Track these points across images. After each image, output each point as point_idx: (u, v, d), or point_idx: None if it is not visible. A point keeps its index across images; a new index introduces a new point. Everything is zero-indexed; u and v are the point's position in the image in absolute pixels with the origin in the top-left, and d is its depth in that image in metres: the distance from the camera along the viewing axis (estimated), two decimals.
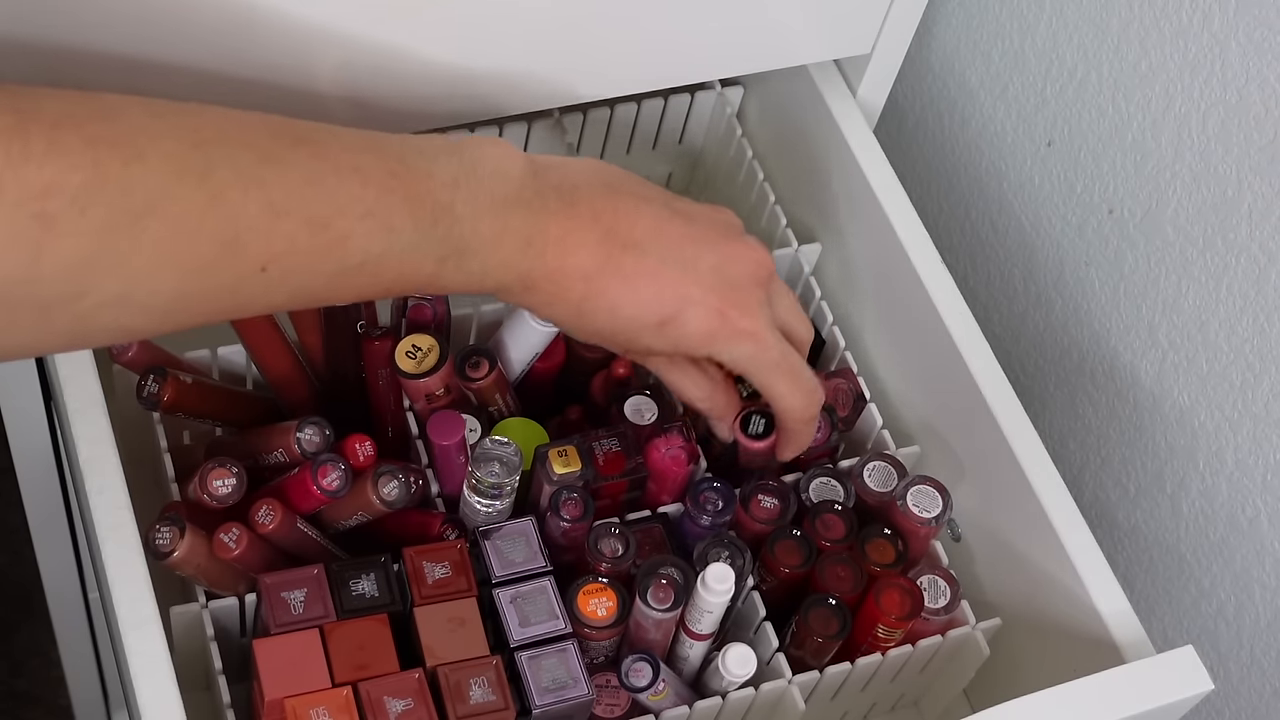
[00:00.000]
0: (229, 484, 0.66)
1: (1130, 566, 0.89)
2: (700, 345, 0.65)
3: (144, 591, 0.63)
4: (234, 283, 0.54)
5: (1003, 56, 0.90)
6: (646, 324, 0.63)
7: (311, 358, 0.73)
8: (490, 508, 0.68)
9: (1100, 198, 0.85)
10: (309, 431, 0.68)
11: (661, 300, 0.63)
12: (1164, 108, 0.79)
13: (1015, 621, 0.75)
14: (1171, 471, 0.84)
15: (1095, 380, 0.88)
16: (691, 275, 0.63)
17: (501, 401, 0.73)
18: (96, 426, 0.66)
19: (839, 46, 0.81)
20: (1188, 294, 0.80)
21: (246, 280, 0.54)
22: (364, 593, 0.67)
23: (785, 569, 0.71)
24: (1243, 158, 0.74)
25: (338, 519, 0.69)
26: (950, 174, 0.97)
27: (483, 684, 0.66)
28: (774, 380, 0.67)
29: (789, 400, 0.68)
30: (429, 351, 0.70)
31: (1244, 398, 0.78)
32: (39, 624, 1.35)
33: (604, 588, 0.68)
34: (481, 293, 0.61)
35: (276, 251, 0.54)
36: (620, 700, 0.70)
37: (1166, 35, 0.77)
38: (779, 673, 0.71)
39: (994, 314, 0.96)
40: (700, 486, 0.72)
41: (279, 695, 0.64)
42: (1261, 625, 0.82)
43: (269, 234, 0.53)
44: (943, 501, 0.73)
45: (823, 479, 0.75)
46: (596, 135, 0.87)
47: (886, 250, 0.79)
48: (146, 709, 0.60)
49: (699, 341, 0.64)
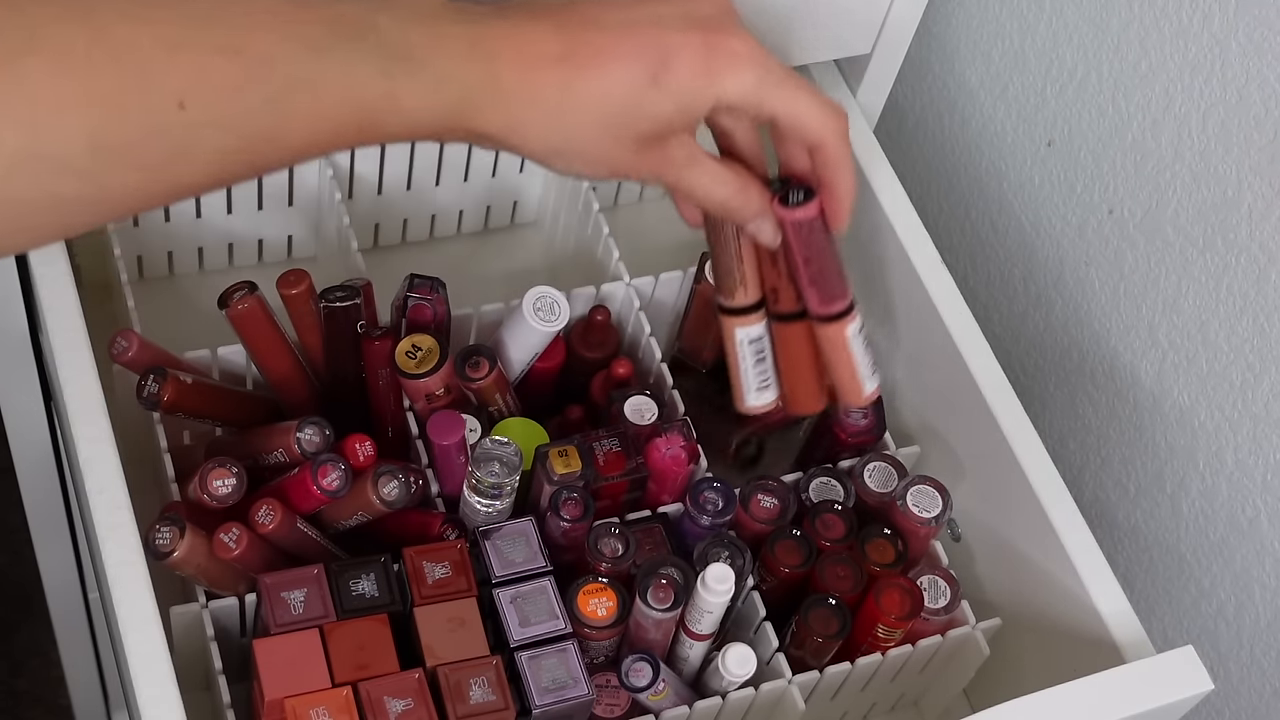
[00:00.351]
0: (229, 484, 0.66)
1: (1130, 566, 0.89)
2: (703, 85, 0.59)
3: (144, 591, 0.63)
4: (155, 125, 0.50)
5: (1003, 56, 0.90)
6: (639, 84, 0.58)
7: (311, 358, 0.73)
8: (490, 508, 0.68)
9: (1100, 198, 0.85)
10: (309, 431, 0.68)
11: (643, 52, 0.58)
12: (1164, 108, 0.79)
13: (1015, 621, 0.75)
14: (1171, 471, 0.84)
15: (1095, 380, 0.88)
16: (661, 25, 0.58)
17: (501, 401, 0.73)
18: (96, 426, 0.66)
19: (839, 46, 0.81)
20: (1188, 294, 0.80)
21: (167, 119, 0.50)
22: (364, 593, 0.67)
23: (785, 569, 0.71)
24: (1243, 158, 0.74)
25: (338, 519, 0.69)
26: (950, 174, 0.97)
27: (483, 684, 0.66)
28: (793, 96, 0.61)
29: (817, 113, 0.62)
30: (429, 351, 0.70)
31: (1244, 398, 0.78)
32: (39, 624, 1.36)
33: (604, 588, 0.68)
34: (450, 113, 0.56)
35: (188, 83, 0.50)
36: (620, 700, 0.70)
37: (1166, 35, 0.77)
38: (779, 673, 0.71)
39: (994, 314, 0.96)
40: (700, 486, 0.72)
41: (279, 695, 0.64)
42: (1261, 625, 0.82)
43: (170, 65, 0.50)
44: (943, 501, 0.73)
45: (823, 479, 0.75)
46: None
47: (887, 250, 0.79)
48: (146, 709, 0.60)
49: (698, 80, 0.59)
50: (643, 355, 0.79)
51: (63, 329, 0.68)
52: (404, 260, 0.88)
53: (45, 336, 0.69)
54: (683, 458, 0.72)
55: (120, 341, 0.70)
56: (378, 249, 0.88)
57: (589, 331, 0.78)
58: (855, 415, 0.76)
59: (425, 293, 0.72)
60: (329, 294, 0.70)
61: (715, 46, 0.59)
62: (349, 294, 0.70)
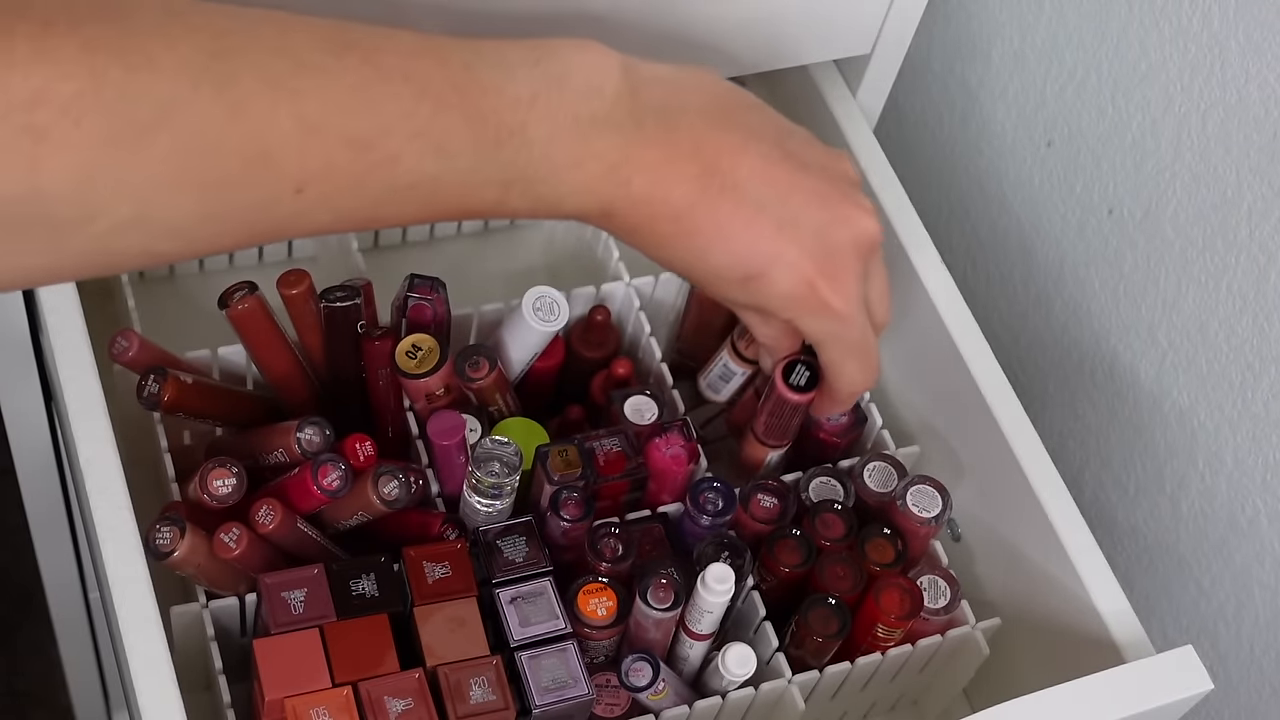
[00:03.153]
0: (229, 484, 0.66)
1: (1130, 566, 0.89)
2: (781, 308, 0.60)
3: (144, 591, 0.63)
4: (266, 203, 0.49)
5: (1003, 56, 0.90)
6: (731, 277, 0.58)
7: (311, 358, 0.73)
8: (490, 508, 0.68)
9: (1100, 198, 0.85)
10: (309, 431, 0.68)
11: (753, 254, 0.57)
12: (1164, 108, 0.79)
13: (1015, 621, 0.75)
14: (1171, 471, 0.84)
15: (1095, 380, 0.88)
16: (790, 232, 0.57)
17: (501, 401, 0.73)
18: (96, 426, 0.66)
19: (839, 46, 0.81)
20: (1188, 294, 0.80)
21: (280, 201, 0.49)
22: (364, 593, 0.67)
23: (785, 569, 0.71)
24: (1243, 158, 0.74)
25: (338, 519, 0.69)
26: (950, 174, 0.97)
27: (483, 684, 0.66)
28: (845, 360, 0.63)
29: (851, 379, 0.64)
30: (429, 351, 0.70)
31: (1244, 398, 0.78)
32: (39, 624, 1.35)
33: (604, 588, 0.68)
34: (554, 218, 0.56)
35: (312, 172, 0.48)
36: (620, 700, 0.70)
37: (1166, 35, 0.77)
38: (779, 672, 0.71)
39: (994, 314, 0.96)
40: (700, 486, 0.72)
41: (279, 695, 0.64)
42: (1261, 625, 0.82)
43: (302, 152, 0.48)
44: (943, 501, 0.73)
45: (822, 478, 0.75)
46: None
47: (887, 250, 0.79)
48: (146, 709, 0.60)
49: (780, 305, 0.60)
50: (643, 355, 0.79)
51: (63, 329, 0.68)
52: (404, 260, 0.87)
53: (45, 336, 0.69)
54: (683, 458, 0.72)
55: (120, 341, 0.70)
56: (378, 249, 0.88)
57: (589, 331, 0.78)
58: (833, 415, 0.76)
59: (425, 293, 0.72)
60: (329, 294, 0.70)
61: (816, 289, 0.59)
62: (349, 294, 0.70)
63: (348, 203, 0.50)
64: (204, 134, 0.46)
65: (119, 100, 0.44)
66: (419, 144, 0.50)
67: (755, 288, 0.59)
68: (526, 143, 0.52)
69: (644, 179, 0.55)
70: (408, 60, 0.50)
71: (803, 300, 0.59)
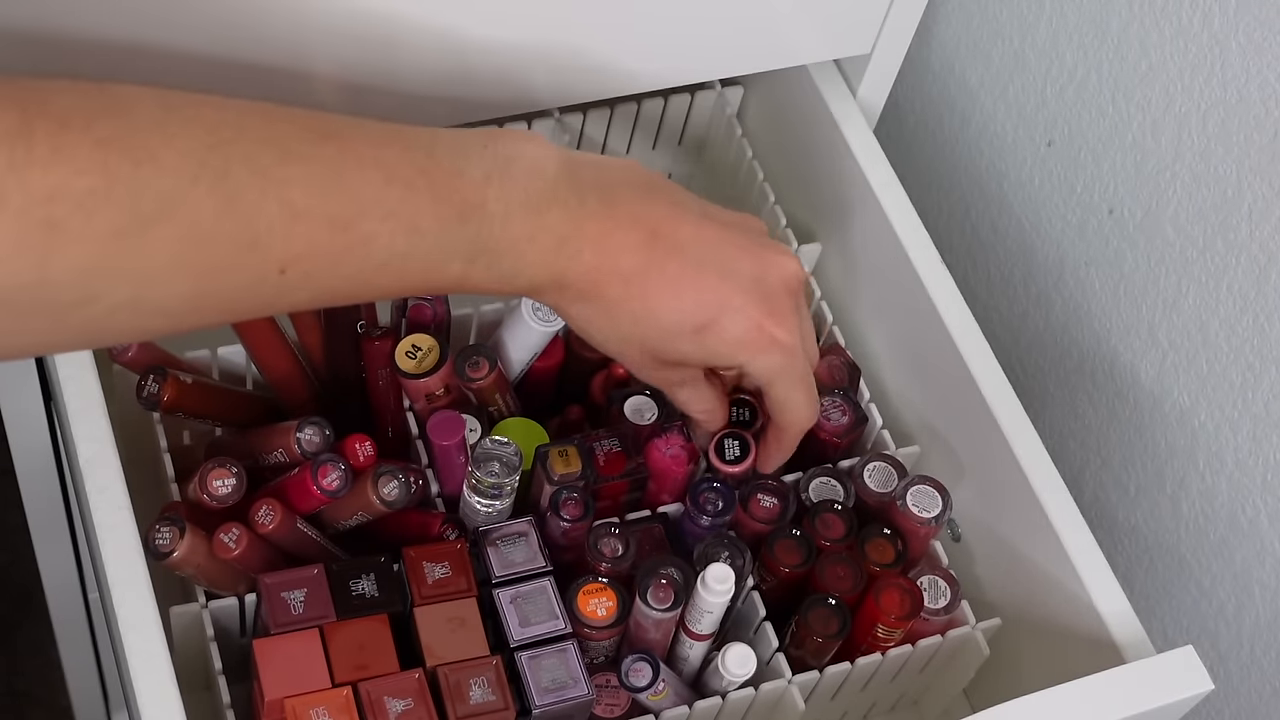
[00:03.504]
0: (229, 484, 0.66)
1: (1130, 566, 0.89)
2: (733, 353, 0.64)
3: (144, 591, 0.63)
4: (252, 284, 0.53)
5: (1003, 56, 0.90)
6: (683, 330, 0.62)
7: (311, 358, 0.73)
8: (490, 508, 0.68)
9: (1100, 198, 0.85)
10: (309, 431, 0.68)
11: (702, 305, 0.62)
12: (1164, 108, 0.79)
13: (1015, 621, 0.75)
14: (1171, 471, 0.84)
15: (1095, 380, 0.88)
16: (731, 282, 0.62)
17: (501, 401, 0.73)
18: (96, 426, 0.66)
19: (839, 46, 0.81)
20: (1188, 294, 0.80)
21: (265, 282, 0.53)
22: (364, 593, 0.67)
23: (785, 569, 0.71)
24: (1243, 158, 0.74)
25: (338, 519, 0.69)
26: (950, 174, 0.97)
27: (483, 684, 0.66)
28: (793, 392, 0.66)
29: (800, 412, 0.68)
30: (429, 351, 0.70)
31: (1244, 398, 0.78)
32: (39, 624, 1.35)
33: (604, 588, 0.68)
34: (511, 294, 0.60)
35: (296, 253, 0.52)
36: (620, 700, 0.70)
37: (1166, 35, 0.77)
38: (779, 673, 0.71)
39: (994, 314, 0.96)
40: (700, 486, 0.72)
41: (279, 695, 0.64)
42: (1261, 625, 0.82)
43: (287, 236, 0.52)
44: (943, 501, 0.73)
45: (823, 479, 0.75)
46: (597, 135, 0.87)
47: (886, 250, 0.79)
48: (146, 709, 0.60)
49: (732, 350, 0.63)
50: None
51: None
52: None
53: None
54: (683, 458, 0.72)
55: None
56: None
57: None
58: (834, 415, 0.76)
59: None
60: None
61: (763, 331, 0.63)
62: None
63: (325, 281, 0.54)
64: (200, 224, 0.50)
65: (127, 195, 0.48)
66: (391, 224, 0.54)
67: (706, 337, 0.63)
68: (487, 217, 0.57)
69: (593, 249, 0.59)
70: (377, 148, 0.55)
71: (753, 342, 0.63)
